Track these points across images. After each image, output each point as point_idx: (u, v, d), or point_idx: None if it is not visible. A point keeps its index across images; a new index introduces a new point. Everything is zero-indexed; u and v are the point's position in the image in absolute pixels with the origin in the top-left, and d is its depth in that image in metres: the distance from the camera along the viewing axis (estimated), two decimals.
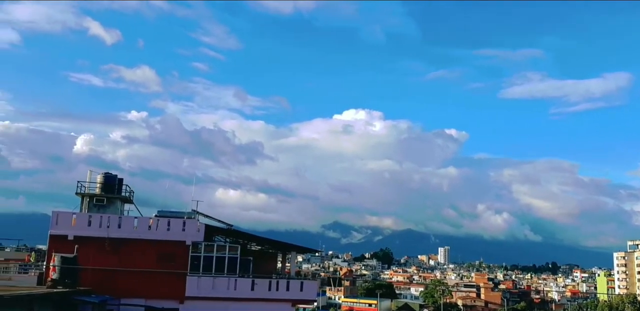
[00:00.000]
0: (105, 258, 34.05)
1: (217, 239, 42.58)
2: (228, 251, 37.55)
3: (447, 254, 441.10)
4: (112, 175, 39.59)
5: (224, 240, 42.99)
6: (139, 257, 34.80)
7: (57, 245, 33.14)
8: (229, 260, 37.10)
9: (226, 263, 36.95)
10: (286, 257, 50.55)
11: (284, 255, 50.57)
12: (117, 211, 38.73)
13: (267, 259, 47.73)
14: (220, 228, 40.60)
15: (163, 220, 36.90)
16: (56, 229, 34.60)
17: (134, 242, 35.18)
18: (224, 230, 40.93)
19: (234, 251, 37.76)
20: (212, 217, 41.13)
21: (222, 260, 36.99)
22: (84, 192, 38.27)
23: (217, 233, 41.63)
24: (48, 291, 28.17)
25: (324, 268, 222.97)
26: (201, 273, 35.89)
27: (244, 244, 43.72)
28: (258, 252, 47.11)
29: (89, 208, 37.91)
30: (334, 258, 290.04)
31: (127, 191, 40.02)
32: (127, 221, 36.53)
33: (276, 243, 46.44)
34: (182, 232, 36.56)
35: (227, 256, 37.22)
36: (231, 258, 37.28)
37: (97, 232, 34.76)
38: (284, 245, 46.12)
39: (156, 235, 35.90)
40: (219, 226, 40.69)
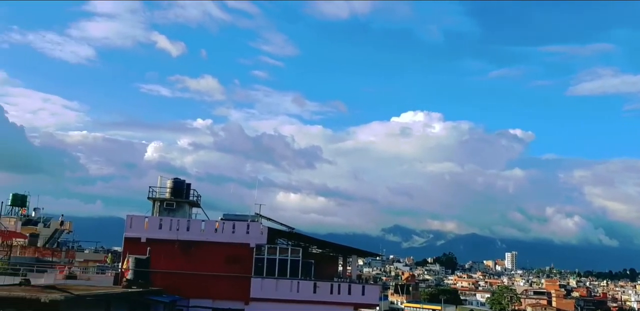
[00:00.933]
0: (175, 260, 35.75)
1: (279, 242, 43.63)
2: (290, 254, 38.45)
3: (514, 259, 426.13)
4: (180, 180, 41.53)
5: (286, 243, 44.01)
6: (206, 259, 36.29)
7: (131, 247, 35.13)
8: (291, 263, 37.99)
9: (288, 266, 37.85)
10: (347, 261, 50.99)
11: (345, 258, 51.02)
12: (186, 214, 40.58)
13: (328, 262, 48.33)
14: (282, 231, 41.58)
15: (228, 223, 38.35)
16: (130, 232, 36.71)
17: (201, 244, 36.75)
18: (286, 233, 41.89)
19: (296, 254, 38.62)
20: (274, 220, 42.22)
21: (285, 262, 37.93)
22: (155, 197, 40.36)
23: (279, 236, 42.66)
24: (123, 291, 29.88)
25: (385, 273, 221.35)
26: (265, 276, 36.98)
27: (306, 247, 44.53)
28: (319, 255, 47.79)
29: (159, 212, 39.92)
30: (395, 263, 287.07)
31: (194, 195, 41.85)
32: (195, 224, 38.24)
33: (337, 246, 46.97)
34: (247, 235, 37.84)
35: (290, 259, 38.12)
36: (293, 260, 38.15)
37: (168, 235, 36.60)
38: (344, 248, 46.59)
39: (222, 238, 37.36)
40: (281, 229, 41.69)
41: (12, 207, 56.98)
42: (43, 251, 53.77)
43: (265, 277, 36.83)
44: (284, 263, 37.85)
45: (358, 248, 46.52)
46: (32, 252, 51.61)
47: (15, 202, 57.95)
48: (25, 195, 59.84)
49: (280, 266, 37.70)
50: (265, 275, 36.99)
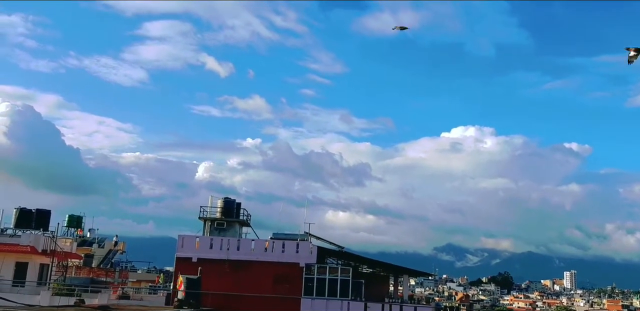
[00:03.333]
0: (226, 280, 35.56)
1: (329, 261, 42.94)
2: (340, 274, 37.71)
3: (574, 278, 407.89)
4: (230, 199, 41.67)
5: (335, 262, 43.25)
6: (256, 278, 35.98)
7: (182, 267, 35.21)
8: (341, 283, 37.21)
9: (339, 286, 37.08)
10: (398, 280, 49.68)
11: (396, 278, 49.76)
12: (236, 234, 40.55)
13: (379, 282, 47.19)
14: (332, 250, 40.95)
15: (278, 242, 38.04)
16: (182, 252, 36.89)
17: (251, 264, 36.52)
18: (335, 252, 41.23)
19: (346, 274, 37.84)
20: (323, 238, 41.68)
21: (335, 282, 37.18)
22: (206, 216, 40.58)
23: (329, 255, 42.01)
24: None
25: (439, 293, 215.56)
26: (314, 295, 36.29)
27: (356, 266, 43.65)
28: (370, 275, 46.75)
29: (210, 232, 40.05)
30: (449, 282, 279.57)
31: (244, 214, 41.85)
32: (245, 243, 38.13)
33: (388, 265, 45.87)
34: (296, 254, 37.37)
35: (340, 278, 37.37)
36: (343, 280, 37.37)
37: (218, 254, 36.55)
38: (395, 267, 45.44)
39: (272, 257, 37.03)
40: (331, 248, 41.07)
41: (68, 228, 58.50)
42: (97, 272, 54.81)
43: (315, 297, 36.16)
44: (334, 283, 37.11)
45: (409, 268, 45.30)
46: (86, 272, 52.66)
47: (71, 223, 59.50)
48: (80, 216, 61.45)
49: (330, 286, 36.97)
50: (315, 295, 36.32)
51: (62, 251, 38.60)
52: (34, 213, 38.47)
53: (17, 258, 35.42)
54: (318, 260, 38.08)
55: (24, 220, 38.01)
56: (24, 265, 35.68)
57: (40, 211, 38.93)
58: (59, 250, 37.77)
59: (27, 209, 38.57)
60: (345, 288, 37.25)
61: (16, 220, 37.91)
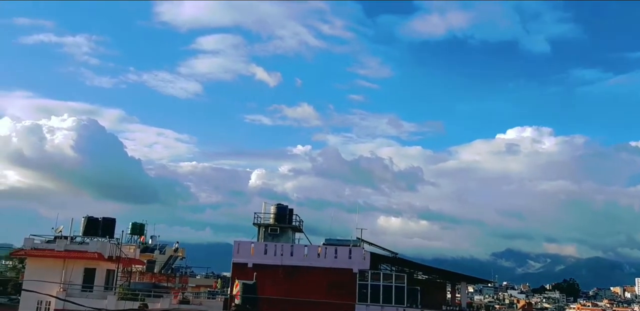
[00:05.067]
0: (280, 285, 36.16)
1: (382, 267, 42.86)
2: (395, 280, 37.56)
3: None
4: (283, 205, 42.41)
5: (389, 269, 43.11)
6: (310, 284, 36.38)
7: (238, 272, 36.10)
8: (396, 289, 37.05)
9: (393, 293, 36.93)
10: (456, 287, 48.90)
11: (453, 285, 48.98)
12: (289, 239, 41.20)
13: (436, 289, 46.56)
14: (385, 256, 40.86)
15: (330, 248, 38.36)
16: (238, 257, 37.84)
17: (305, 270, 36.98)
18: (389, 258, 41.10)
19: (400, 280, 37.65)
20: (376, 244, 41.66)
21: (389, 289, 37.07)
22: (259, 222, 41.47)
23: (382, 261, 41.92)
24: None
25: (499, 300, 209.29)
26: (369, 302, 36.31)
27: (411, 273, 43.34)
28: (425, 281, 46.27)
29: (264, 237, 40.88)
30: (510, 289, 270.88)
31: (296, 220, 42.47)
32: (298, 249, 38.66)
33: (444, 272, 45.29)
34: (349, 260, 37.55)
35: (394, 285, 37.23)
36: (398, 287, 37.19)
37: (273, 260, 37.26)
38: (452, 274, 44.81)
39: (325, 263, 37.37)
40: (384, 254, 40.97)
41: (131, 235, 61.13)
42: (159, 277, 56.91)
43: (370, 304, 36.20)
44: (388, 290, 37.01)
45: (467, 274, 44.61)
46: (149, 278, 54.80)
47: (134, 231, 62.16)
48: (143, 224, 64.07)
49: (384, 292, 36.90)
50: (370, 302, 36.31)
51: (127, 258, 40.42)
52: (100, 221, 40.46)
53: (85, 265, 37.38)
54: (371, 266, 38.08)
55: (91, 228, 40.03)
56: (92, 271, 37.59)
57: (106, 219, 40.92)
58: (124, 256, 39.59)
59: (94, 218, 40.62)
60: (401, 295, 37.02)
61: (84, 228, 39.98)
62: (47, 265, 36.82)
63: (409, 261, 42.84)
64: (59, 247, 37.54)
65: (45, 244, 38.30)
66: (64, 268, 36.53)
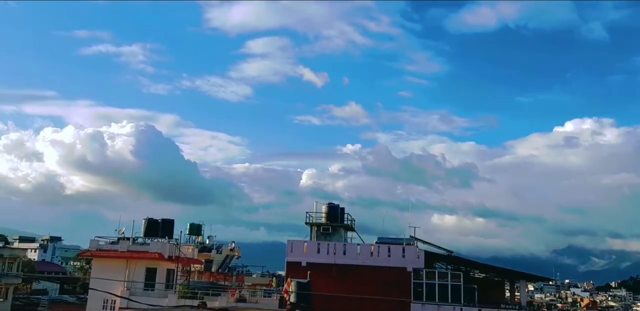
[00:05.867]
0: (333, 284, 36.32)
1: (437, 266, 42.35)
2: (450, 279, 37.09)
3: None
4: (334, 205, 42.61)
5: (445, 267, 42.55)
6: (363, 283, 36.40)
7: (292, 271, 36.56)
8: (452, 288, 36.58)
9: (449, 291, 36.47)
10: (514, 286, 47.72)
11: (512, 283, 47.82)
12: (342, 238, 41.35)
13: (494, 288, 45.60)
14: (440, 254, 40.34)
15: (383, 246, 38.25)
16: (291, 256, 38.31)
17: (358, 269, 37.02)
18: (444, 257, 40.56)
19: (456, 279, 37.14)
20: (430, 243, 41.16)
21: (445, 287, 36.64)
22: (311, 222, 41.84)
23: (437, 259, 41.42)
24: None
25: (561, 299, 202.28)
26: (424, 301, 36.00)
27: (467, 271, 42.62)
28: (482, 280, 45.37)
29: (317, 237, 41.21)
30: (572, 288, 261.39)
31: (348, 219, 42.59)
32: (350, 248, 38.76)
33: (502, 270, 44.30)
34: (403, 259, 37.33)
35: (450, 284, 36.76)
36: (454, 285, 36.71)
37: (326, 259, 37.52)
38: (510, 272, 43.77)
39: (378, 262, 37.30)
40: (439, 252, 40.46)
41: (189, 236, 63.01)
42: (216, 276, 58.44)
43: (425, 302, 35.88)
44: (444, 289, 36.59)
45: (526, 272, 43.43)
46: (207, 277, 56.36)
47: (192, 231, 64.02)
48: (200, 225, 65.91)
49: (440, 291, 36.50)
50: (425, 301, 36.00)
51: (185, 258, 41.72)
52: (159, 222, 41.93)
53: (147, 264, 38.84)
54: (426, 264, 37.72)
55: (152, 229, 41.55)
56: (153, 271, 39.02)
57: (165, 221, 42.36)
58: (183, 256, 40.88)
59: (153, 219, 42.14)
60: (457, 293, 36.53)
61: (145, 229, 41.54)
62: (112, 265, 38.48)
63: (464, 259, 42.09)
64: (122, 248, 39.16)
65: (110, 245, 40.05)
66: (127, 268, 38.08)
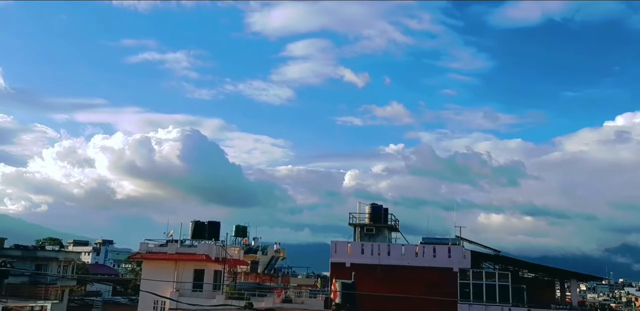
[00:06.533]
0: (378, 284, 36.31)
1: (485, 266, 41.69)
2: (498, 279, 36.49)
3: None
4: (378, 205, 42.56)
5: (492, 267, 41.85)
6: (408, 283, 36.18)
7: (337, 272, 36.76)
8: (499, 288, 36.00)
9: (497, 291, 35.90)
10: (565, 285, 46.45)
11: (562, 283, 46.56)
12: (386, 239, 41.25)
13: (543, 287, 44.54)
14: (487, 254, 39.75)
15: (429, 247, 37.96)
16: (335, 257, 38.49)
17: (403, 269, 36.87)
18: (491, 257, 39.94)
19: (504, 279, 36.53)
20: (477, 242, 40.63)
21: (492, 287, 36.08)
22: (355, 223, 41.90)
23: (484, 259, 40.80)
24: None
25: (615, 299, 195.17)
26: (472, 301, 35.52)
27: (515, 271, 41.79)
28: (531, 280, 44.39)
29: (360, 237, 41.25)
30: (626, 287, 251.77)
31: (392, 220, 42.45)
32: (395, 248, 38.62)
33: (551, 269, 43.27)
34: (449, 259, 36.94)
35: (497, 284, 36.17)
36: (502, 285, 36.11)
37: (370, 260, 37.52)
38: (560, 271, 42.68)
39: (423, 262, 37.04)
40: (486, 252, 39.87)
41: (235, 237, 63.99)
42: (262, 277, 59.09)
43: (472, 303, 35.40)
44: (491, 289, 36.04)
45: (577, 272, 42.21)
46: (253, 278, 57.07)
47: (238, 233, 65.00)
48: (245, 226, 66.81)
49: (487, 291, 35.96)
50: (473, 301, 35.51)
51: (232, 259, 42.45)
52: (206, 225, 42.85)
53: (194, 266, 39.74)
54: (473, 264, 37.23)
55: (199, 232, 42.51)
56: (200, 272, 39.90)
57: (211, 223, 43.26)
58: (229, 257, 41.62)
59: (200, 222, 43.09)
60: (505, 293, 35.94)
61: (192, 231, 42.53)
62: (161, 267, 39.55)
63: (512, 259, 41.30)
64: (171, 250, 40.20)
65: (159, 247, 41.18)
66: (175, 270, 39.07)
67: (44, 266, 54.93)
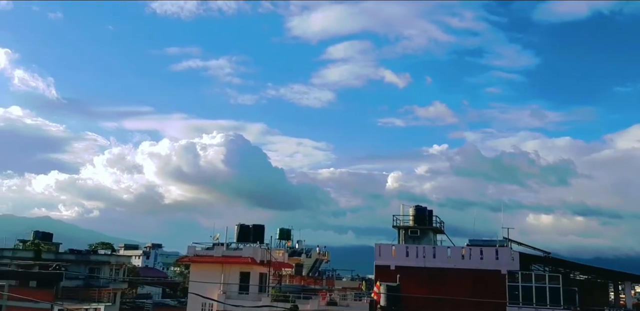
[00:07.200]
0: (423, 287, 35.83)
1: (534, 268, 40.67)
2: (548, 281, 35.53)
3: None
4: (422, 207, 42.12)
5: (542, 269, 40.78)
6: (455, 286, 35.65)
7: (381, 275, 36.47)
8: (550, 291, 35.02)
9: (547, 294, 34.94)
10: (619, 287, 44.75)
11: (616, 284, 44.88)
12: (431, 241, 40.78)
13: (596, 289, 43.01)
14: (536, 256, 38.81)
15: (475, 249, 37.31)
16: (380, 260, 38.29)
17: (449, 271, 36.35)
18: (541, 258, 38.97)
19: (555, 281, 35.54)
20: (525, 244, 39.74)
21: (543, 290, 35.14)
22: (399, 225, 41.61)
23: (533, 261, 39.81)
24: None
25: None
26: (521, 304, 34.71)
27: (566, 273, 40.58)
28: (584, 282, 42.99)
29: (405, 240, 40.92)
30: None
31: (437, 222, 41.92)
32: (440, 251, 38.13)
33: (604, 271, 41.80)
34: (496, 261, 36.22)
35: (548, 286, 35.21)
36: (552, 288, 35.12)
37: (415, 262, 37.15)
38: (614, 273, 41.15)
39: (470, 264, 36.42)
40: (535, 254, 38.93)
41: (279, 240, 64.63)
42: (307, 280, 59.39)
43: (522, 306, 34.58)
44: (541, 291, 35.12)
45: (632, 273, 40.59)
46: (298, 280, 57.42)
47: (282, 236, 65.62)
48: (289, 229, 67.43)
49: (537, 294, 35.06)
50: (522, 304, 34.68)
51: (277, 262, 42.91)
52: (251, 228, 43.49)
53: (240, 269, 40.40)
54: (521, 266, 36.38)
55: (244, 235, 43.19)
56: (246, 275, 40.52)
57: (256, 226, 43.87)
58: (274, 260, 42.08)
59: (245, 225, 43.77)
60: (556, 296, 34.95)
61: (238, 235, 43.25)
62: (208, 269, 40.36)
63: (563, 260, 40.15)
64: (217, 253, 41.01)
65: (206, 251, 42.07)
66: (222, 272, 39.79)
67: (96, 269, 56.84)
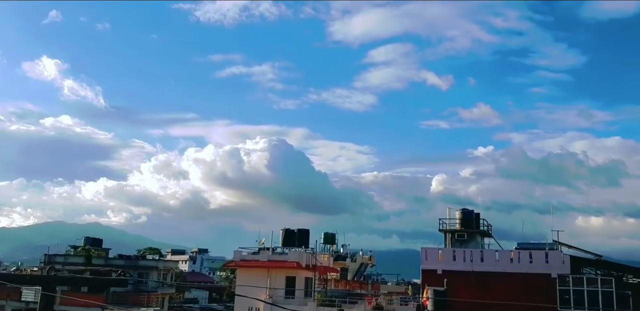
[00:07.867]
0: (471, 292, 35.37)
1: (585, 271, 39.59)
2: (600, 285, 34.57)
3: None
4: (469, 210, 41.67)
5: (594, 273, 39.64)
6: (504, 290, 35.00)
7: (428, 279, 36.27)
8: (602, 294, 34.08)
9: (600, 298, 34.01)
10: None
11: None
12: (478, 245, 40.25)
13: None
14: (587, 259, 37.86)
15: (524, 252, 36.66)
16: (426, 264, 38.04)
17: (497, 276, 35.78)
18: (592, 262, 37.95)
19: (607, 285, 34.58)
20: (576, 247, 38.80)
21: (595, 294, 34.23)
22: (445, 228, 41.25)
23: (584, 264, 38.76)
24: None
25: None
26: (572, 308, 33.89)
27: (619, 276, 39.31)
28: (637, 285, 41.47)
29: (452, 243, 40.52)
30: None
31: (484, 225, 41.35)
32: (488, 254, 37.61)
33: None
34: (546, 264, 35.51)
35: (600, 290, 34.26)
36: (605, 292, 34.18)
37: (462, 266, 36.75)
38: None
39: (519, 268, 35.78)
40: (586, 257, 37.97)
41: (324, 245, 64.96)
42: (352, 284, 59.40)
43: (574, 310, 33.72)
44: (593, 295, 34.21)
45: None
46: (343, 285, 57.53)
47: (327, 240, 65.95)
48: (334, 234, 67.68)
49: (589, 298, 34.18)
50: (574, 308, 33.85)
51: (322, 266, 43.16)
52: (296, 233, 43.95)
53: (286, 273, 40.82)
54: (572, 270, 35.53)
55: (289, 239, 43.66)
56: (292, 279, 40.90)
57: (301, 230, 44.30)
58: (319, 264, 42.36)
59: (290, 229, 44.24)
60: (609, 300, 34.04)
61: (283, 239, 43.75)
62: (254, 274, 40.96)
63: (615, 263, 38.91)
64: (263, 258, 41.58)
65: (251, 255, 42.72)
66: (268, 277, 40.32)
67: (145, 274, 58.34)
